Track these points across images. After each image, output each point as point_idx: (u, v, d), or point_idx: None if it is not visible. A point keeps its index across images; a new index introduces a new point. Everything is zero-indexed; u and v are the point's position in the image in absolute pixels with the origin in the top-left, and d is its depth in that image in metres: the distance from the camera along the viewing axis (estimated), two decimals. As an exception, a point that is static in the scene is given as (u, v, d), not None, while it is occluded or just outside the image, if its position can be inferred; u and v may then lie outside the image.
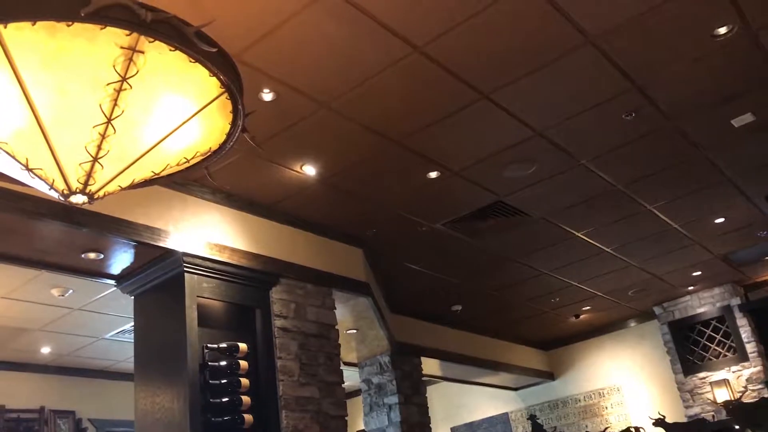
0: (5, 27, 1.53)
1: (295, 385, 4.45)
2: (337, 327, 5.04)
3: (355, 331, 6.33)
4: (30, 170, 1.75)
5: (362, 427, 7.40)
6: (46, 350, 7.45)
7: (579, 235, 6.30)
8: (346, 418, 4.80)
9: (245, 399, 4.03)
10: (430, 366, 7.94)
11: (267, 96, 3.68)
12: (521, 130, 4.41)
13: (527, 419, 9.35)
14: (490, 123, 4.30)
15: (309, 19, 3.18)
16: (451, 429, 10.43)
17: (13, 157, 1.73)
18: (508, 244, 6.31)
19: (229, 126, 2.03)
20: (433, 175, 4.80)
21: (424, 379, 7.54)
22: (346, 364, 6.60)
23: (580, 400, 9.72)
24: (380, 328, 6.24)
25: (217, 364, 4.03)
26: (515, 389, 10.17)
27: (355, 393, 8.52)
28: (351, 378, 6.60)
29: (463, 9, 3.28)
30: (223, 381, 4.00)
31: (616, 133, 4.66)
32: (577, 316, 8.96)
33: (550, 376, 10.02)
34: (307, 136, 4.16)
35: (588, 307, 8.65)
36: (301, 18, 3.17)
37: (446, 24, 3.37)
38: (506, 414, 10.17)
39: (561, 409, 9.86)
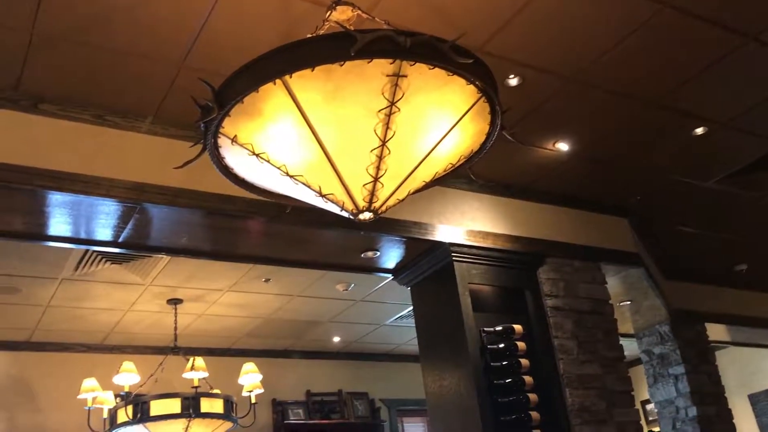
0: (290, 77, 1.75)
1: (576, 363, 4.43)
2: (610, 302, 4.91)
3: (629, 302, 6.11)
4: (324, 196, 1.98)
5: (646, 398, 7.10)
6: (336, 339, 8.27)
7: None
8: (632, 392, 4.67)
9: (527, 379, 4.11)
10: (716, 331, 7.35)
11: (513, 81, 3.69)
12: (800, 66, 3.92)
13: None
14: (760, 66, 3.87)
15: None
16: (749, 396, 9.58)
17: (309, 186, 1.97)
18: (796, 193, 5.65)
19: (488, 126, 2.11)
20: (699, 131, 4.45)
21: (711, 345, 7.03)
22: (622, 335, 6.41)
23: None
24: (656, 297, 5.95)
25: (496, 346, 4.15)
26: (822, 350, 9.05)
27: (633, 362, 8.20)
28: (628, 348, 6.38)
29: (715, -49, 3.01)
30: (503, 363, 4.12)
31: None
32: None
33: None
34: (557, 113, 4.10)
35: None
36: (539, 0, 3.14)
37: (697, -29, 3.11)
38: (814, 378, 9.11)
39: None
